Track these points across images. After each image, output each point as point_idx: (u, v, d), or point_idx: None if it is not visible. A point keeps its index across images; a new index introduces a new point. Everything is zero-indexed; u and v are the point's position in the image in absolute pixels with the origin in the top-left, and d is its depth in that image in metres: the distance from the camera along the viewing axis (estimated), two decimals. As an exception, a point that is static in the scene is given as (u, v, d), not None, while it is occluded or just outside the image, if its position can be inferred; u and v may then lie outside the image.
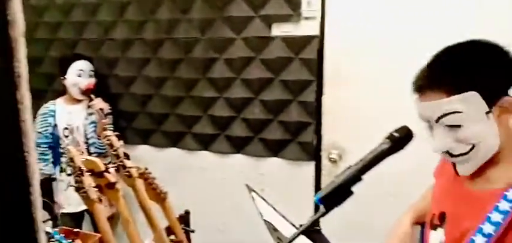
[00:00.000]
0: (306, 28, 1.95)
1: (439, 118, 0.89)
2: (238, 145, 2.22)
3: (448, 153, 0.92)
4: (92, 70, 2.24)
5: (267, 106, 2.10)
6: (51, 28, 2.48)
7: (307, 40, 1.96)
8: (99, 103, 2.14)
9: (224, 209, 2.32)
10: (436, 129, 0.92)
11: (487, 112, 0.86)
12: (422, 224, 1.14)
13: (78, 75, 2.18)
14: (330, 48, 1.95)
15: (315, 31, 1.94)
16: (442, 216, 1.02)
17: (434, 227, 1.04)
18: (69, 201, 2.21)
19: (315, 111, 2.02)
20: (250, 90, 2.13)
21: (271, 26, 2.01)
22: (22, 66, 0.52)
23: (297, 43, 1.98)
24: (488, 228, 0.86)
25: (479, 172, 0.94)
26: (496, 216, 0.86)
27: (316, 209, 2.11)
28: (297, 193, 2.13)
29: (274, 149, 2.15)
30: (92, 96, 2.16)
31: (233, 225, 2.33)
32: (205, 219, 2.20)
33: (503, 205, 0.86)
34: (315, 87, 1.99)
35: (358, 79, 1.92)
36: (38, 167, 0.50)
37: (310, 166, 2.09)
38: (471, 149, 0.89)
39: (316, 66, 1.97)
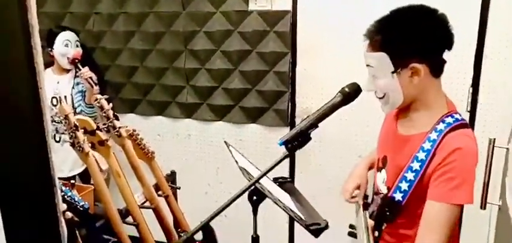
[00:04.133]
0: (280, 3, 2.09)
1: (367, 65, 1.13)
2: (220, 113, 2.38)
3: (375, 93, 1.14)
4: (77, 41, 2.32)
5: (245, 77, 2.25)
6: (37, 2, 2.53)
7: (281, 14, 2.09)
8: (87, 72, 2.21)
9: (208, 172, 2.49)
10: (368, 74, 1.14)
11: (392, 72, 1.06)
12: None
13: (66, 44, 2.26)
14: (302, 21, 2.09)
15: (288, 6, 2.08)
16: (384, 160, 1.21)
17: (379, 169, 1.24)
18: (61, 167, 2.33)
19: (290, 80, 2.18)
20: (230, 61, 2.27)
21: (248, 1, 2.14)
22: (34, 18, 0.67)
23: (272, 17, 2.11)
24: (415, 165, 1.06)
25: (408, 120, 1.13)
26: (421, 155, 1.05)
27: (291, 170, 2.30)
28: (273, 156, 2.31)
29: (253, 116, 2.31)
30: (79, 66, 2.23)
31: (217, 187, 2.50)
32: (191, 183, 2.36)
33: (427, 145, 1.05)
34: (289, 58, 2.14)
35: (328, 50, 2.08)
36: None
37: (286, 131, 2.25)
38: (384, 96, 1.12)
39: (290, 39, 2.12)
